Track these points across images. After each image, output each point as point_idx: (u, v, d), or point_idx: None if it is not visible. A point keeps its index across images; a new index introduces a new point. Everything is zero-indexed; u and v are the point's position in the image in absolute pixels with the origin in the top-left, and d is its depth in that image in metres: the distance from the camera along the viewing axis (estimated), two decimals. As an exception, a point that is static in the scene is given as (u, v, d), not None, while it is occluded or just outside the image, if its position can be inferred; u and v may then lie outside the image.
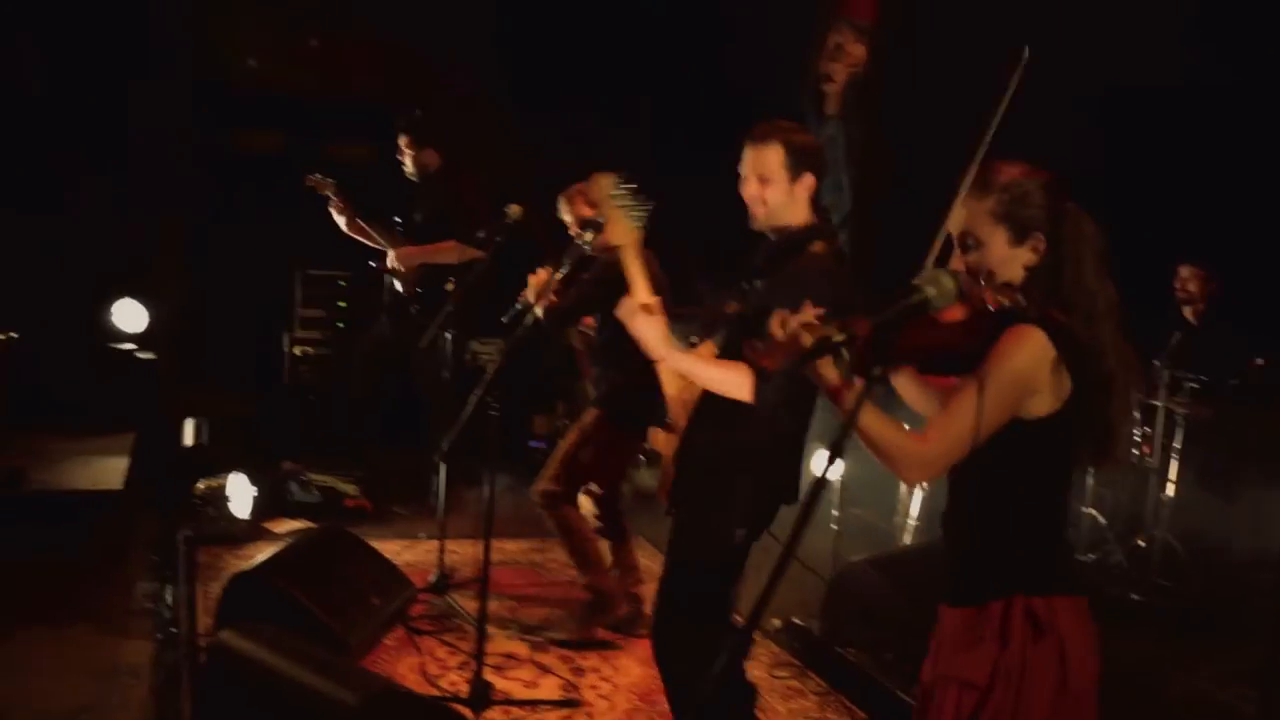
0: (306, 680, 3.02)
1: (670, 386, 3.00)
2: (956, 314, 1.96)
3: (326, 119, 7.95)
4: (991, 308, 1.98)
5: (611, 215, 2.83)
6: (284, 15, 8.08)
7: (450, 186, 5.70)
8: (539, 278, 4.07)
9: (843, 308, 2.69)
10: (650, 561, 5.02)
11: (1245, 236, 5.46)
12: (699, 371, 2.83)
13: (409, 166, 5.69)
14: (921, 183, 6.14)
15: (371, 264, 5.77)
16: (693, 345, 2.95)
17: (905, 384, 2.22)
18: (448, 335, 4.70)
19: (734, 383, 2.72)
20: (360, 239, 5.73)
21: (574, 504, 4.27)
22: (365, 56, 8.33)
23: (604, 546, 4.40)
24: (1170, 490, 5.21)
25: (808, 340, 1.82)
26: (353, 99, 8.25)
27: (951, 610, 2.09)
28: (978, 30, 6.20)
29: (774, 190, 2.87)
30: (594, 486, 4.37)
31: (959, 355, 1.96)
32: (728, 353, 2.87)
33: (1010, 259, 2.02)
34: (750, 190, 2.91)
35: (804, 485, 3.02)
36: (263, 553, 4.08)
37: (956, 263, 2.07)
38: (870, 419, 1.90)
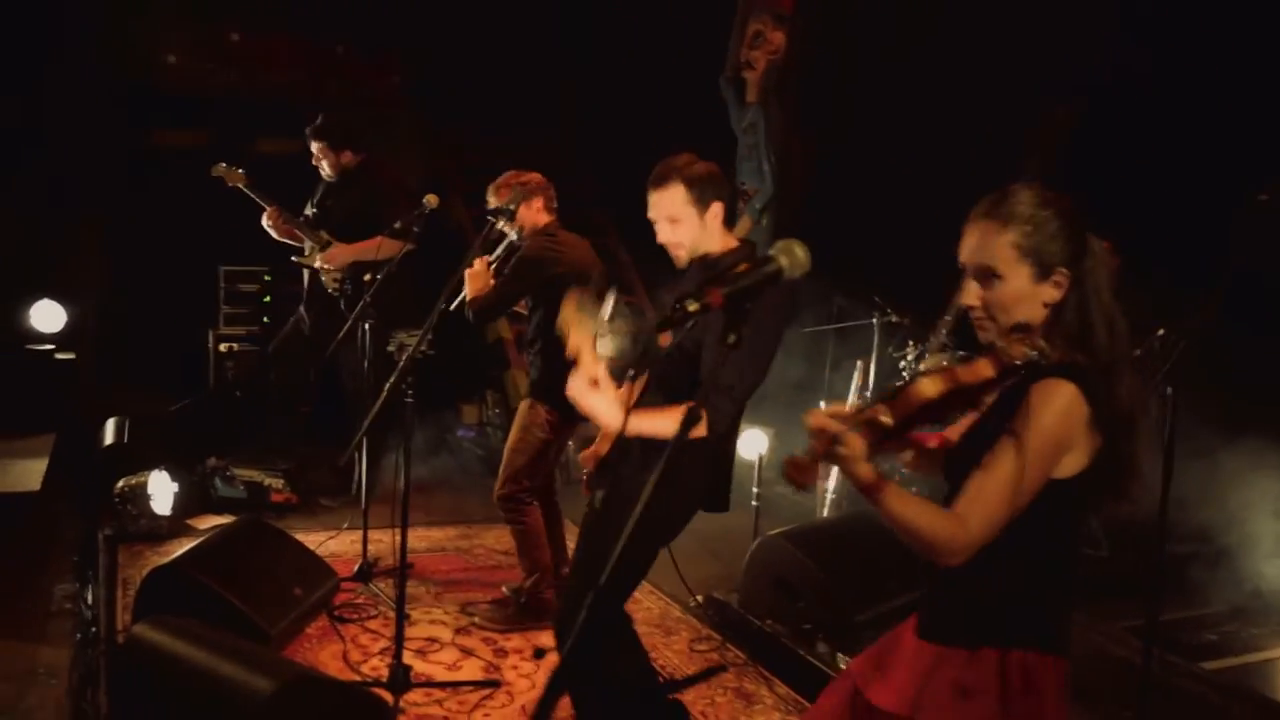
0: (221, 669, 3.03)
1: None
2: (985, 370, 1.80)
3: (251, 114, 7.92)
4: (1019, 362, 1.81)
5: (575, 327, 2.84)
6: (203, 10, 8.01)
7: (372, 183, 5.70)
8: (475, 269, 4.10)
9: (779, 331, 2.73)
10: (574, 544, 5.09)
11: (1150, 210, 5.64)
12: (655, 429, 2.78)
13: (326, 170, 5.67)
14: (842, 167, 6.31)
15: (294, 259, 5.75)
16: (631, 379, 2.95)
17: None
18: (365, 326, 4.71)
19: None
20: (287, 240, 5.70)
21: (533, 505, 4.24)
22: (287, 51, 8.30)
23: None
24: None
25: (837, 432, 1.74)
26: (276, 93, 8.22)
27: (927, 644, 1.96)
28: (895, 18, 6.35)
29: (686, 228, 2.91)
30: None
31: (966, 408, 1.88)
32: (663, 386, 2.91)
33: (1032, 296, 1.89)
34: (664, 235, 2.95)
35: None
36: (182, 547, 4.08)
37: (970, 297, 1.93)
38: (902, 506, 1.78)
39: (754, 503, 4.74)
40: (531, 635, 4.15)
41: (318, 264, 5.62)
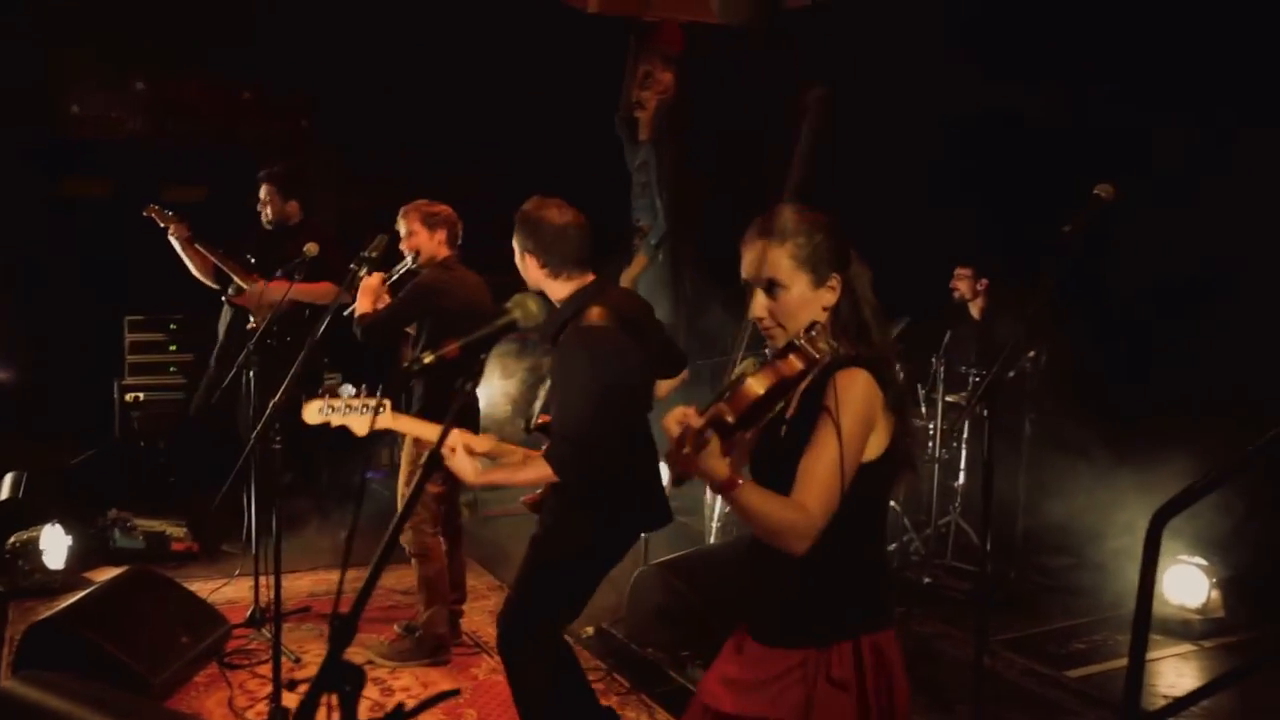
0: (91, 722, 3.08)
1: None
2: (796, 364, 1.94)
3: (156, 161, 7.92)
4: (819, 356, 1.96)
5: (346, 424, 2.91)
6: (109, 59, 8.02)
7: (308, 236, 5.73)
8: (370, 282, 4.19)
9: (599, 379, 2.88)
10: (475, 581, 5.17)
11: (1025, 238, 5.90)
12: (514, 480, 3.02)
13: (268, 215, 5.72)
14: (731, 202, 6.50)
15: (226, 296, 5.75)
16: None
17: None
18: (250, 375, 4.76)
19: (545, 475, 2.92)
20: (200, 274, 5.71)
21: (437, 538, 4.34)
22: (194, 97, 8.34)
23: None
24: (961, 478, 5.58)
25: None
26: (183, 140, 8.24)
27: (777, 650, 2.07)
28: (780, 57, 6.58)
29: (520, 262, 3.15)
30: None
31: (779, 403, 2.00)
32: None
33: (812, 301, 2.06)
34: None
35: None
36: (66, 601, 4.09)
37: (758, 309, 2.08)
38: (759, 500, 1.91)
39: (643, 534, 4.84)
40: (421, 673, 4.22)
41: (260, 286, 5.62)
